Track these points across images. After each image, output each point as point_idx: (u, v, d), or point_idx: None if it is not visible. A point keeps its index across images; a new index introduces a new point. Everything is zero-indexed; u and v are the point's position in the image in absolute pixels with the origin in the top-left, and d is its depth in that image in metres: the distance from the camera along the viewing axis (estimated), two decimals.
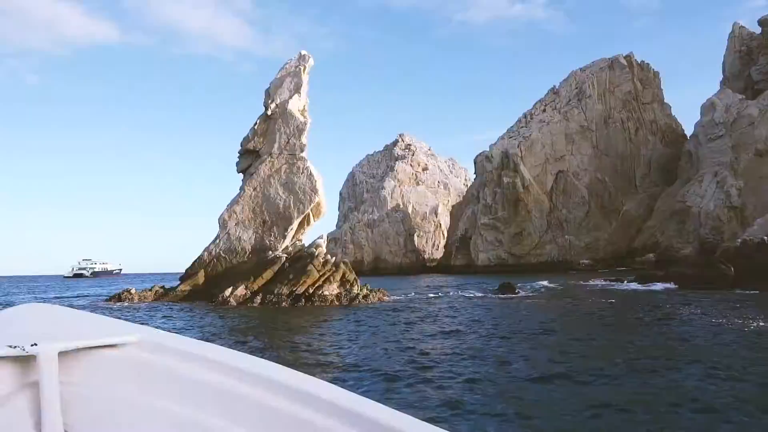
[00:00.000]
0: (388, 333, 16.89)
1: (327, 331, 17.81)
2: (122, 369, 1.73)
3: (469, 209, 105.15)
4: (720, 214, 79.02)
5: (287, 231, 32.46)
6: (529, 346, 13.72)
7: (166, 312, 26.33)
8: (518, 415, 7.62)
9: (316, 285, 28.99)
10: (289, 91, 35.12)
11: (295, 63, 35.93)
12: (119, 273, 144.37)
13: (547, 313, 22.40)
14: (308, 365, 11.56)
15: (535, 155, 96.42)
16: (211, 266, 33.77)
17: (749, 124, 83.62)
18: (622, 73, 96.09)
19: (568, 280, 46.02)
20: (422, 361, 11.79)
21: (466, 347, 13.67)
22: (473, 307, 25.73)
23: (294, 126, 34.16)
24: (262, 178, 33.99)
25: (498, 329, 17.21)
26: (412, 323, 19.55)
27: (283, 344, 15.12)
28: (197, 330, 19.14)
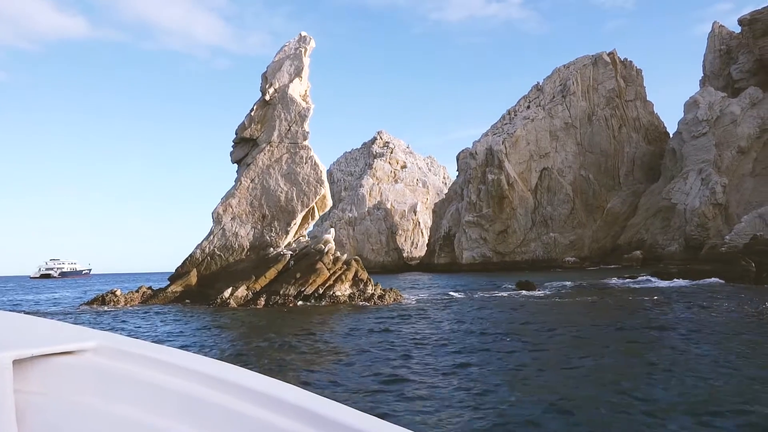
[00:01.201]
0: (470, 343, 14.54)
1: (377, 341, 15.37)
2: (80, 376, 1.69)
3: (453, 207, 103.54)
4: (705, 211, 79.15)
5: (290, 226, 29.77)
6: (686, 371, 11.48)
7: (161, 317, 23.42)
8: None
9: (326, 284, 26.43)
10: (288, 75, 32.41)
11: (295, 45, 33.24)
12: (89, 273, 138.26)
13: (633, 317, 20.16)
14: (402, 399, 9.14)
15: (520, 152, 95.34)
16: (205, 265, 30.84)
17: (731, 122, 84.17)
18: (606, 70, 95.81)
19: (584, 280, 43.54)
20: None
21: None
22: (519, 309, 23.55)
23: (295, 112, 31.48)
24: (261, 168, 31.21)
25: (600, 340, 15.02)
26: (481, 334, 17.23)
27: (328, 365, 12.63)
28: (210, 339, 16.46)
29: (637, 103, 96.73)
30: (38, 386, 1.67)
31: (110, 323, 21.05)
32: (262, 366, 11.53)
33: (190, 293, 29.59)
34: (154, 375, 1.64)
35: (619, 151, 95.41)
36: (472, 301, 27.52)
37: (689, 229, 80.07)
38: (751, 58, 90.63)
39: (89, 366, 1.71)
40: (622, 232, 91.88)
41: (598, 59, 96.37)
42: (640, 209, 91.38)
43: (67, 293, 47.99)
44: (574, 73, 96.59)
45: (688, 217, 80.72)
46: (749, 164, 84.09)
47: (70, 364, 1.72)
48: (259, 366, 11.55)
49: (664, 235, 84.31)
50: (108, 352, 1.74)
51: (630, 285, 34.79)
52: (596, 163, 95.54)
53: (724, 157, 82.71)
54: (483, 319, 19.07)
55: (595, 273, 63.20)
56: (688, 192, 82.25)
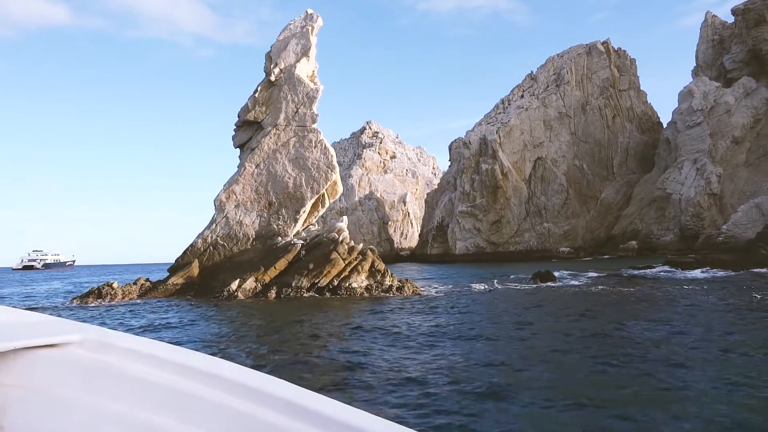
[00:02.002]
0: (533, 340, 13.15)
1: (429, 334, 13.91)
2: (64, 369, 1.67)
3: (446, 197, 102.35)
4: (701, 201, 78.96)
5: (299, 214, 28.12)
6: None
7: (166, 311, 21.72)
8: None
9: (342, 276, 24.88)
10: (295, 54, 30.61)
11: (301, 23, 31.41)
12: (72, 265, 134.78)
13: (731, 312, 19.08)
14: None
15: (514, 141, 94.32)
16: (207, 255, 29.07)
17: (725, 112, 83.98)
18: (600, 59, 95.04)
19: (597, 270, 41.69)
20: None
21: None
22: (566, 301, 22.26)
23: (303, 93, 29.72)
24: (266, 153, 29.45)
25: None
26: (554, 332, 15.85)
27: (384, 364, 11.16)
28: (227, 336, 14.88)
29: (631, 92, 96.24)
30: (22, 379, 1.64)
31: (116, 319, 19.30)
32: (299, 375, 10.03)
33: (192, 285, 27.84)
34: (140, 369, 1.59)
35: (613, 141, 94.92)
36: (497, 291, 26.20)
37: (684, 219, 79.88)
38: (744, 48, 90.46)
39: (74, 359, 1.66)
40: (616, 222, 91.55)
41: (592, 48, 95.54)
42: (634, 199, 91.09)
43: (56, 285, 45.77)
44: (568, 63, 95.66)
45: (683, 207, 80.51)
46: (743, 154, 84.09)
47: (54, 358, 1.68)
48: (297, 376, 10.04)
49: (658, 225, 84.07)
50: (93, 346, 1.69)
51: (660, 275, 33.31)
52: (590, 153, 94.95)
53: (719, 147, 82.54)
54: (539, 313, 17.73)
55: (596, 263, 62.44)
56: (683, 182, 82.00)
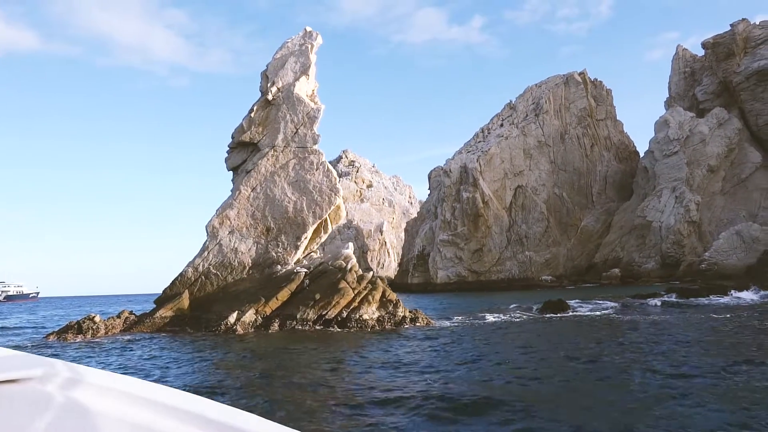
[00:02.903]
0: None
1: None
2: (24, 406, 1.57)
3: (426, 225, 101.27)
4: (681, 229, 79.67)
5: (300, 241, 26.24)
6: None
7: (159, 348, 19.46)
8: None
9: (351, 307, 22.99)
10: (293, 73, 29.16)
11: (299, 41, 30.08)
12: (36, 297, 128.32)
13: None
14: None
15: (494, 170, 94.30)
16: (198, 285, 26.81)
17: (700, 141, 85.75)
18: (577, 89, 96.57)
19: (623, 299, 38.89)
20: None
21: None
22: (610, 331, 20.75)
23: (303, 113, 28.18)
24: (264, 175, 27.64)
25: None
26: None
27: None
28: (238, 377, 12.89)
29: (608, 122, 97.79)
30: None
31: (104, 357, 16.99)
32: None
33: (182, 318, 25.50)
34: (111, 406, 1.52)
35: (592, 170, 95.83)
36: (518, 322, 24.61)
37: (665, 246, 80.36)
38: (715, 80, 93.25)
39: (35, 395, 1.58)
40: (597, 250, 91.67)
41: (570, 79, 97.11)
42: (613, 227, 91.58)
43: (25, 317, 42.25)
44: (546, 92, 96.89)
45: (664, 234, 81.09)
46: (718, 182, 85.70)
47: (13, 393, 1.59)
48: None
49: (639, 252, 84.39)
50: (57, 381, 1.61)
51: (713, 302, 31.67)
52: (569, 182, 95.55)
53: (695, 176, 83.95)
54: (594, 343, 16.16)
55: (589, 291, 61.59)
56: (663, 210, 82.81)
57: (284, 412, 9.07)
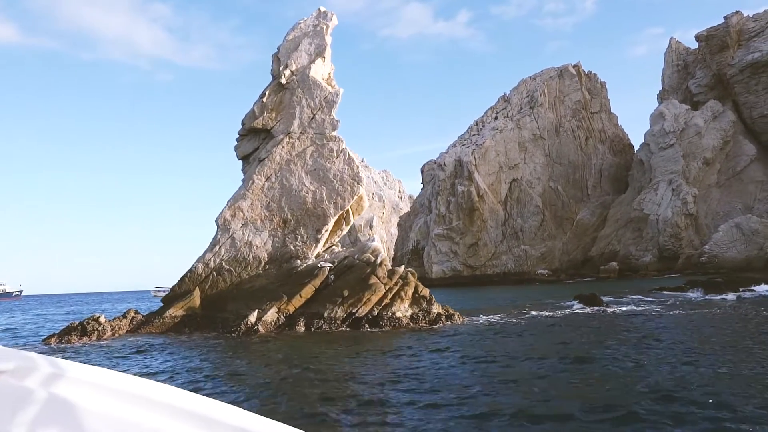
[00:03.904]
0: None
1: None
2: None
3: (420, 219, 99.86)
4: (678, 221, 79.32)
5: (320, 233, 24.49)
6: None
7: (181, 352, 17.65)
8: None
9: (383, 303, 21.35)
10: (308, 55, 27.32)
11: (313, 21, 28.22)
12: (19, 295, 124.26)
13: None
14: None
15: (489, 163, 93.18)
16: (210, 282, 24.94)
17: (696, 134, 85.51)
18: (572, 82, 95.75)
19: (625, 293, 36.93)
20: None
21: None
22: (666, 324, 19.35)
23: (320, 97, 26.38)
24: (279, 164, 25.81)
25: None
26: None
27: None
28: (281, 385, 11.22)
29: (602, 115, 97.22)
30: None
31: (123, 362, 15.14)
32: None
33: (194, 318, 23.64)
34: (92, 400, 1.45)
35: (587, 163, 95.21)
36: (562, 317, 23.21)
37: (663, 239, 79.98)
38: (709, 73, 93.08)
39: (6, 389, 1.50)
40: (592, 244, 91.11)
41: (564, 71, 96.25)
42: (609, 220, 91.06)
43: (13, 319, 39.79)
44: (540, 85, 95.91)
45: (661, 227, 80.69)
46: (714, 175, 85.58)
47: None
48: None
49: (636, 245, 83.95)
50: (29, 375, 1.52)
51: (711, 299, 30.33)
52: (564, 175, 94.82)
53: (691, 168, 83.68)
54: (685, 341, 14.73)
55: (583, 286, 60.65)
56: (659, 202, 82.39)
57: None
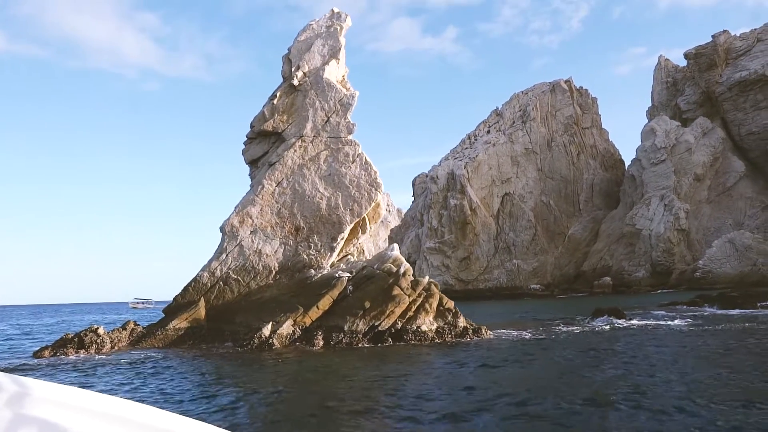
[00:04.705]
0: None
1: None
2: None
3: (412, 233, 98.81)
4: (671, 237, 79.39)
5: (335, 241, 23.22)
6: None
7: (193, 368, 16.20)
8: None
9: (407, 316, 20.09)
10: (321, 56, 26.23)
11: (326, 22, 27.18)
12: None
13: None
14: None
15: (482, 177, 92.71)
16: (216, 292, 23.46)
17: (686, 150, 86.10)
18: (563, 97, 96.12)
19: (664, 308, 34.65)
20: None
21: None
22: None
23: (335, 99, 25.26)
24: (291, 168, 24.55)
25: None
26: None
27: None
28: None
29: (594, 130, 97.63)
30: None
31: (146, 385, 13.65)
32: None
33: (199, 331, 22.11)
34: (61, 420, 1.42)
35: (579, 178, 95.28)
36: (599, 332, 22.13)
37: (655, 254, 79.93)
38: (697, 90, 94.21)
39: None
40: (585, 259, 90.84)
41: (556, 86, 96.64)
42: (601, 235, 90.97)
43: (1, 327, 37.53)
44: (533, 99, 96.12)
45: (654, 242, 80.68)
46: (704, 191, 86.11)
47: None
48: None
49: (629, 261, 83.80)
50: (3, 397, 1.48)
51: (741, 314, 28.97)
52: (556, 189, 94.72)
53: (683, 184, 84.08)
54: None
55: (576, 301, 59.98)
56: (652, 218, 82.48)
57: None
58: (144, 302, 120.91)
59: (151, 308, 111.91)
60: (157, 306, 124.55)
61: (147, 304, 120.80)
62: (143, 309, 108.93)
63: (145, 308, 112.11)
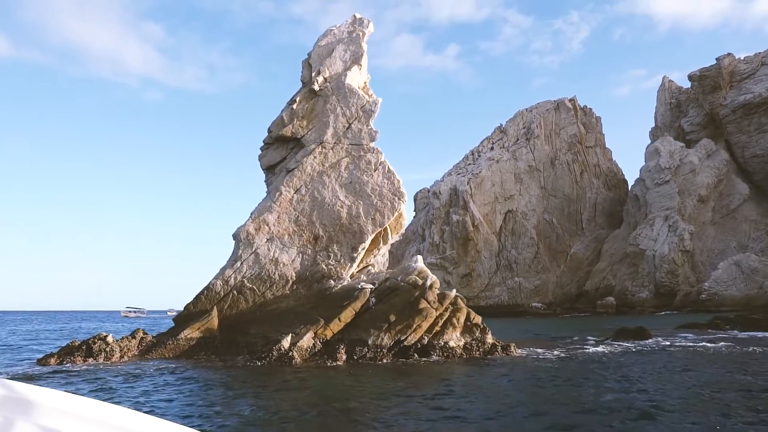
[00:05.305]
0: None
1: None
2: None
3: (413, 248, 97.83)
4: (675, 258, 78.81)
5: (356, 251, 22.36)
6: None
7: (218, 382, 15.23)
8: None
9: (433, 331, 19.18)
10: (343, 62, 25.61)
11: (348, 27, 26.61)
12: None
13: None
14: None
15: (485, 193, 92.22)
16: (230, 302, 22.50)
17: (690, 171, 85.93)
18: (567, 115, 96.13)
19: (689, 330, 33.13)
20: None
21: None
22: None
23: (357, 106, 24.57)
24: (310, 175, 23.76)
25: None
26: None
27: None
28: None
29: (597, 149, 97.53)
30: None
31: (171, 401, 12.68)
32: None
33: (212, 341, 21.12)
34: (58, 427, 1.42)
35: (582, 196, 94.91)
36: (632, 352, 21.25)
37: (659, 275, 79.27)
38: (701, 112, 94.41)
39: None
40: (587, 278, 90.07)
41: (560, 104, 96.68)
42: (604, 255, 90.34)
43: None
44: (537, 117, 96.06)
45: (657, 263, 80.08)
46: (708, 213, 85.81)
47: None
48: None
49: (632, 281, 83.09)
50: (11, 405, 1.46)
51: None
52: (559, 208, 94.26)
53: (687, 205, 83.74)
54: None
55: (581, 321, 59.10)
56: (656, 238, 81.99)
57: None
58: (136, 311, 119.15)
59: (143, 317, 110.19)
60: (150, 315, 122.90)
61: (139, 313, 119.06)
62: (135, 318, 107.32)
63: (137, 317, 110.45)
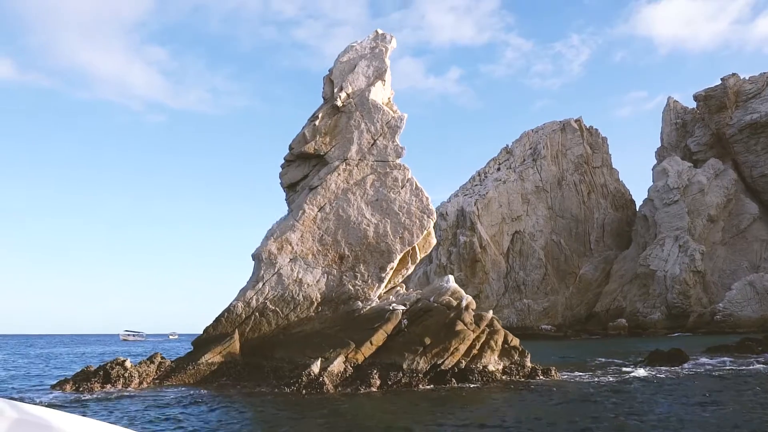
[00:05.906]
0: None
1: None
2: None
3: (420, 270, 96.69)
4: (686, 278, 77.72)
5: (384, 272, 21.49)
6: None
7: (242, 413, 14.26)
8: None
9: (471, 354, 18.22)
10: (366, 78, 25.08)
11: (370, 43, 26.16)
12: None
13: None
14: None
15: (492, 214, 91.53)
16: (252, 324, 21.55)
17: (699, 191, 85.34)
18: (574, 136, 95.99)
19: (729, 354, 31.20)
20: None
21: None
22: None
23: (382, 122, 23.95)
24: (334, 193, 23.02)
25: None
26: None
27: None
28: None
29: (604, 170, 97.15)
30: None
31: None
32: None
33: (234, 366, 20.12)
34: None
35: (589, 217, 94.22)
36: (691, 375, 20.26)
37: (671, 296, 78.09)
38: (708, 132, 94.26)
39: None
40: (596, 300, 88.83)
41: (566, 125, 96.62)
42: (613, 276, 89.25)
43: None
44: (543, 138, 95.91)
45: (669, 284, 78.95)
46: (719, 233, 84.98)
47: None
48: None
49: (643, 302, 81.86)
50: (4, 423, 1.42)
51: None
52: (567, 228, 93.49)
53: (696, 225, 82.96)
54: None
55: (593, 344, 57.84)
56: (666, 258, 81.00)
57: None
58: (135, 334, 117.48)
59: (142, 341, 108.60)
60: (148, 339, 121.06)
61: (138, 336, 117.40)
62: (134, 341, 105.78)
63: (135, 341, 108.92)
